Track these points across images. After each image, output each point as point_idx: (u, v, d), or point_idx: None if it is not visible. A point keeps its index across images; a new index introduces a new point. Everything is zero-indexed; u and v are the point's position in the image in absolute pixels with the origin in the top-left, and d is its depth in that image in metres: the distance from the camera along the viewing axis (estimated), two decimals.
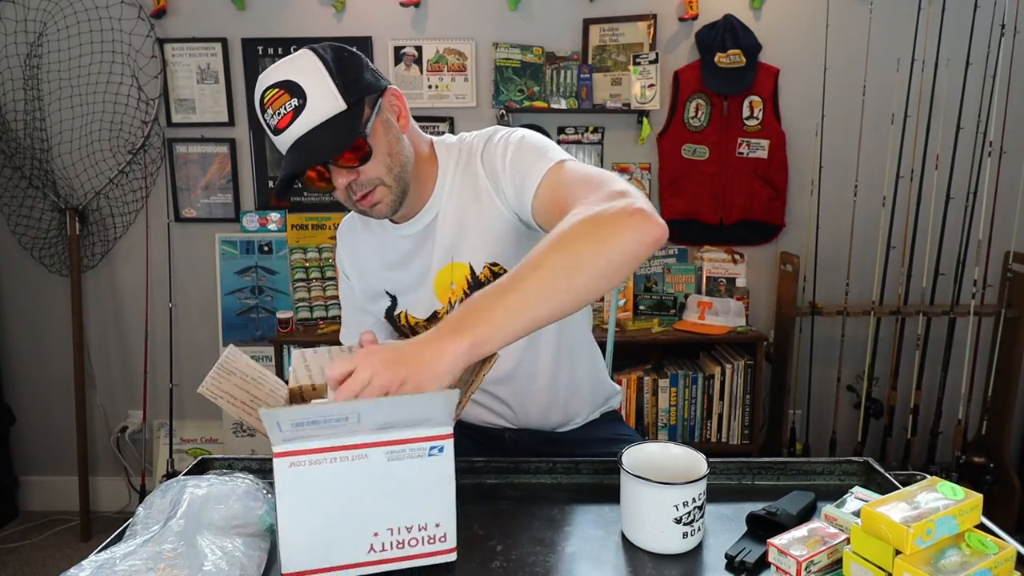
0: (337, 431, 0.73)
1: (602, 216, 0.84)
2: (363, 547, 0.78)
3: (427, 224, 1.14)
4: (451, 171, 1.13)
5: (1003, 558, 0.69)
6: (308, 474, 0.74)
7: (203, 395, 0.85)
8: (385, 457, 0.76)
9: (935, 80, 2.43)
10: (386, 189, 1.05)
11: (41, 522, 2.78)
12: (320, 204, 2.70)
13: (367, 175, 1.03)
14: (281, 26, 2.60)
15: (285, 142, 1.00)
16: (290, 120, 0.98)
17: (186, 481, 0.84)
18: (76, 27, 2.56)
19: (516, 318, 0.80)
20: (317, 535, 0.76)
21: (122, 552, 0.72)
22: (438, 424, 0.77)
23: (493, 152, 1.09)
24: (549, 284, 0.81)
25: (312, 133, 0.98)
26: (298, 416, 0.71)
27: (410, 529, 0.79)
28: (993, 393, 2.55)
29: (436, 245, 1.13)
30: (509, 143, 1.07)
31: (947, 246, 2.51)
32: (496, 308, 0.80)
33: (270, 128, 1.01)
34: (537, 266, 0.82)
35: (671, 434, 2.55)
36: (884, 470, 1.00)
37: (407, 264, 1.17)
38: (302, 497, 0.75)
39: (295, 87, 0.97)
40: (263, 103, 1.00)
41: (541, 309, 0.81)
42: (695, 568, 0.82)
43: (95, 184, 2.66)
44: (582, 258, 0.82)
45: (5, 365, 2.81)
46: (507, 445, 1.25)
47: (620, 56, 2.58)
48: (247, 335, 2.68)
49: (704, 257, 2.65)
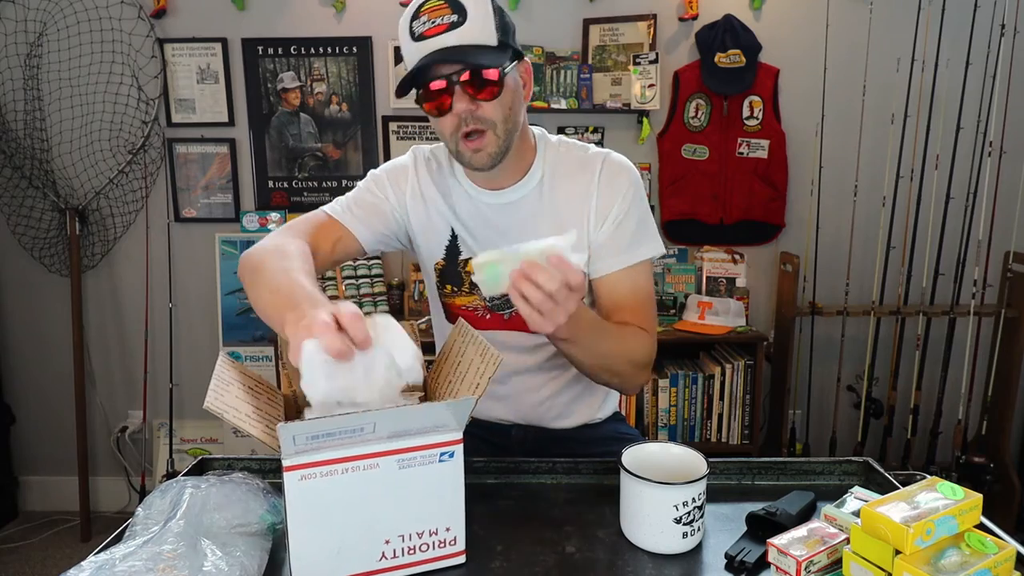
0: (351, 441, 0.73)
1: (642, 362, 1.14)
2: (375, 555, 0.77)
3: (514, 201, 1.17)
4: (548, 165, 1.18)
5: (1003, 558, 0.69)
6: (319, 486, 0.73)
7: (209, 410, 0.84)
8: (396, 465, 0.75)
9: (935, 80, 2.43)
10: (494, 138, 1.06)
11: (41, 522, 2.78)
12: (320, 204, 2.68)
13: (486, 113, 1.04)
14: (281, 26, 2.60)
15: (425, 49, 1.02)
16: (443, 31, 1.00)
17: (186, 481, 0.84)
18: (76, 27, 2.56)
19: (583, 347, 1.03)
20: (328, 546, 0.75)
21: (121, 553, 0.72)
22: (449, 430, 0.76)
23: (615, 185, 1.15)
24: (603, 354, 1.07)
25: (458, 48, 1.01)
26: (315, 429, 0.70)
27: (421, 535, 0.78)
28: (993, 393, 2.55)
29: (525, 224, 1.16)
30: (633, 193, 1.16)
31: (947, 246, 2.51)
32: (586, 334, 1.02)
33: (413, 35, 1.02)
34: (619, 339, 1.09)
35: (671, 434, 2.55)
36: (884, 470, 1.00)
37: (484, 227, 1.18)
38: (313, 510, 0.74)
39: (459, 5, 1.01)
40: (418, 10, 1.02)
41: (588, 356, 1.06)
42: (695, 568, 0.82)
43: (95, 184, 2.66)
44: (623, 370, 1.12)
45: (5, 365, 2.81)
46: (512, 443, 1.26)
47: (620, 56, 2.58)
48: (247, 335, 2.68)
49: (704, 257, 2.65)
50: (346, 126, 2.66)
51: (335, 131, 2.66)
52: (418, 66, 1.02)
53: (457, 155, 1.11)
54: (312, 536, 0.74)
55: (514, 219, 1.17)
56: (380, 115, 2.65)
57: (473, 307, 1.22)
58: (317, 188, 2.70)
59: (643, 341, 1.13)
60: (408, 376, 0.81)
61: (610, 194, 1.14)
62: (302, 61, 2.61)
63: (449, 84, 1.02)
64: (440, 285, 1.23)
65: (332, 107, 2.65)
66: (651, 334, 1.16)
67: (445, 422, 0.75)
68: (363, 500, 0.75)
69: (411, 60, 1.05)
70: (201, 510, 0.79)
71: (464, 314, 1.21)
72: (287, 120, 2.65)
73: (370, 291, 2.59)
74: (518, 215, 1.17)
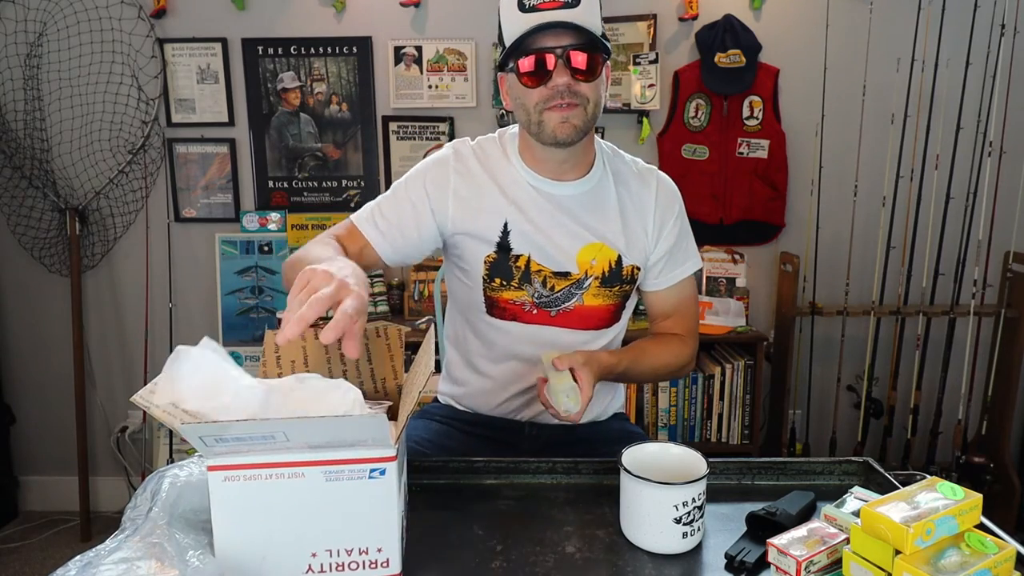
0: (271, 448, 0.71)
1: (680, 366, 1.31)
2: (301, 567, 0.75)
3: (579, 193, 1.22)
4: (609, 165, 1.26)
5: (1003, 558, 0.69)
6: (243, 489, 0.72)
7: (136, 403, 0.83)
8: (323, 477, 0.73)
9: (935, 80, 2.43)
10: (584, 114, 1.11)
11: (41, 522, 2.78)
12: (320, 204, 2.70)
13: (582, 89, 1.10)
14: (281, 26, 2.60)
15: (534, 19, 1.05)
16: (557, 7, 1.05)
17: (166, 470, 0.83)
18: (76, 27, 2.56)
19: (625, 380, 1.31)
20: (253, 553, 0.74)
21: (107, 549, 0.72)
22: (379, 446, 0.74)
23: (670, 202, 1.27)
24: (643, 378, 1.31)
25: (570, 25, 1.05)
26: (222, 432, 0.68)
27: (350, 552, 0.76)
28: (993, 393, 2.55)
29: (587, 216, 1.22)
30: (682, 213, 1.29)
31: (947, 246, 2.51)
32: (610, 379, 1.22)
33: (523, 6, 1.06)
34: (655, 359, 1.27)
35: (671, 434, 2.55)
36: (884, 470, 1.00)
37: (545, 216, 1.21)
38: (238, 514, 0.73)
39: None
40: None
41: (632, 381, 1.43)
42: (695, 568, 0.82)
43: (95, 184, 2.66)
44: (664, 377, 1.49)
45: (5, 365, 2.81)
46: (523, 440, 1.29)
47: (620, 56, 2.58)
48: (247, 335, 2.68)
49: (704, 257, 2.65)
50: (346, 126, 2.66)
51: (335, 131, 2.66)
52: (526, 33, 1.06)
53: (539, 125, 1.13)
54: (237, 541, 0.73)
55: (580, 211, 1.21)
56: (380, 115, 2.65)
57: (521, 302, 1.22)
58: (317, 188, 2.70)
59: (681, 350, 1.29)
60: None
61: (666, 212, 1.26)
62: (302, 61, 2.61)
63: (556, 56, 1.07)
64: (488, 279, 1.22)
65: (332, 107, 2.65)
66: (692, 338, 1.32)
67: (364, 436, 0.72)
68: (289, 509, 0.74)
69: (516, 30, 1.07)
70: (178, 499, 0.77)
71: (512, 308, 1.22)
72: (287, 120, 2.65)
73: (370, 291, 2.58)
74: (584, 208, 1.21)
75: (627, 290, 1.26)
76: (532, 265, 1.20)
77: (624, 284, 1.24)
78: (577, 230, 1.20)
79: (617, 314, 1.27)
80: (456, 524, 0.91)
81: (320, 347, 0.95)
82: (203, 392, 0.77)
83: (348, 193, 2.70)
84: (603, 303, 1.24)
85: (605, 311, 1.25)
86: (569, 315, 1.23)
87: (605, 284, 1.23)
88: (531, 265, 1.20)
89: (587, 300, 1.22)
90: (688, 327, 1.32)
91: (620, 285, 1.24)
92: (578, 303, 1.22)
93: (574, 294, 1.22)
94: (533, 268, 1.20)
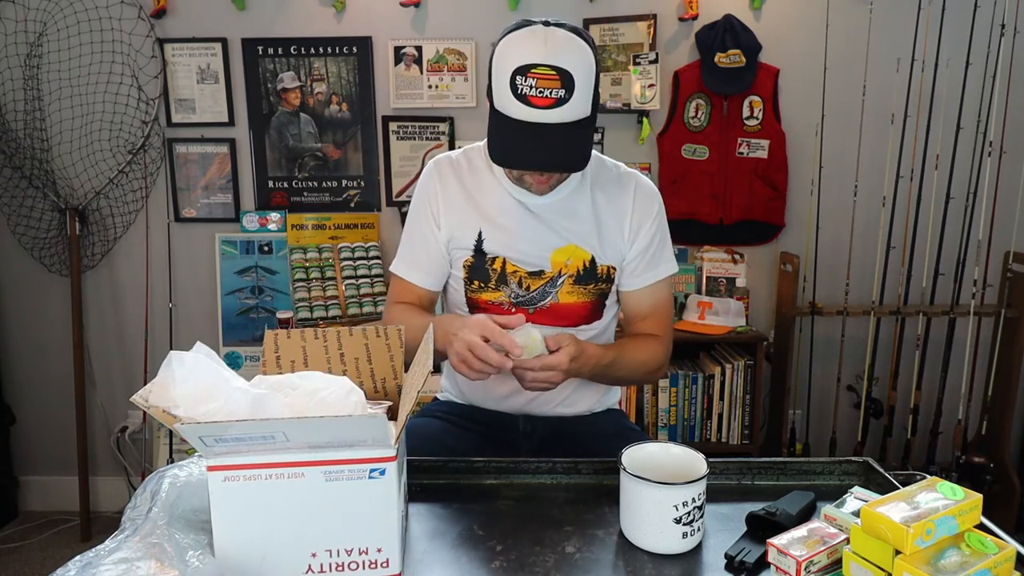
0: (271, 448, 0.71)
1: (655, 367, 1.34)
2: (301, 567, 0.76)
3: (556, 200, 1.26)
4: (584, 174, 1.27)
5: (1003, 558, 0.69)
6: (243, 489, 0.72)
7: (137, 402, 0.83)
8: (323, 477, 0.74)
9: (935, 80, 2.43)
10: (564, 176, 1.20)
11: (41, 522, 2.78)
12: (320, 204, 2.70)
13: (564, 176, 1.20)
14: (281, 26, 2.60)
15: (529, 115, 1.06)
16: (550, 105, 1.05)
17: (166, 470, 0.83)
18: (76, 27, 2.56)
19: (599, 378, 1.28)
20: (253, 553, 0.74)
21: (107, 549, 0.72)
22: (379, 446, 0.74)
23: (648, 205, 1.29)
24: (618, 378, 1.31)
25: (560, 130, 1.06)
26: (221, 432, 0.68)
27: (350, 552, 0.76)
28: (993, 393, 2.55)
29: (561, 222, 1.26)
30: (660, 217, 1.32)
31: (947, 246, 2.51)
32: (599, 370, 1.21)
33: (515, 90, 1.06)
34: (632, 358, 1.28)
35: (671, 434, 2.55)
36: (884, 470, 1.00)
37: (519, 222, 1.25)
38: (238, 513, 0.73)
39: (569, 80, 1.05)
40: (528, 69, 1.04)
41: (605, 380, 1.33)
42: (695, 568, 0.82)
43: (95, 184, 2.65)
44: (639, 379, 1.63)
45: (5, 365, 2.81)
46: (520, 436, 1.31)
47: (620, 56, 2.58)
48: (247, 335, 2.68)
49: (704, 257, 2.65)
50: (346, 126, 2.66)
51: (335, 131, 2.66)
52: (526, 150, 1.09)
53: (518, 180, 1.21)
54: (237, 541, 0.73)
55: (556, 216, 1.25)
56: (380, 115, 2.65)
57: (499, 302, 1.27)
58: (317, 188, 2.70)
59: (656, 350, 1.32)
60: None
61: (643, 215, 1.28)
62: (302, 61, 2.61)
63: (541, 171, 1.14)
64: (468, 281, 1.28)
65: (332, 107, 2.65)
66: (666, 339, 1.35)
67: (363, 436, 0.73)
68: (289, 509, 0.74)
69: (505, 107, 1.09)
70: (177, 499, 0.78)
71: (492, 309, 1.26)
72: (287, 120, 2.65)
73: (370, 291, 2.59)
74: (557, 214, 1.25)
75: (604, 288, 1.29)
76: (508, 267, 1.25)
77: (600, 282, 1.28)
78: (549, 234, 1.25)
79: (596, 311, 1.30)
80: (456, 524, 0.91)
81: (320, 347, 0.95)
82: (193, 399, 0.77)
83: (348, 193, 2.70)
84: (579, 300, 1.28)
85: (582, 308, 1.28)
86: (546, 313, 1.27)
87: (580, 282, 1.27)
88: (507, 267, 1.25)
89: (562, 298, 1.26)
90: (664, 328, 1.35)
91: (596, 283, 1.28)
92: (553, 301, 1.26)
93: (548, 292, 1.26)
94: (509, 269, 1.25)
